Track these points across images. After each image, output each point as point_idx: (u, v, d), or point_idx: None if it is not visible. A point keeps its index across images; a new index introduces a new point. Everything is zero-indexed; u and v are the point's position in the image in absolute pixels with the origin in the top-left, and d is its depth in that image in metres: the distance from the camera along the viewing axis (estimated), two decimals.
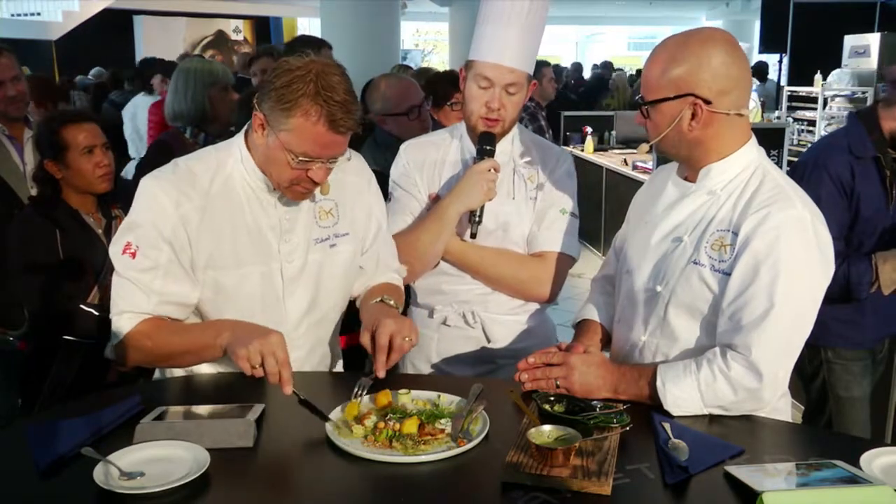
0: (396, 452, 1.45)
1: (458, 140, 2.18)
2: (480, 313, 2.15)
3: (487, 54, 2.01)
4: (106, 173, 2.55)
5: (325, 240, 1.86)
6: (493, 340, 2.16)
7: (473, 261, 2.11)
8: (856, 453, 1.41)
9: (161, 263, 1.72)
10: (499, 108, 2.01)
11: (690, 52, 1.60)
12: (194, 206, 1.72)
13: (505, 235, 2.12)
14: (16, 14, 12.94)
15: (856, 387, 2.68)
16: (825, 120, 8.55)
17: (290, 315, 1.83)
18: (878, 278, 2.45)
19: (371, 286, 1.99)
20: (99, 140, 2.55)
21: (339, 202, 1.89)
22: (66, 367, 2.46)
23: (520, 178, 2.14)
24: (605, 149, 8.21)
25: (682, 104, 1.61)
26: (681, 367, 1.62)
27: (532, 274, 2.12)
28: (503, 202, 2.09)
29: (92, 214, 2.58)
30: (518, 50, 2.00)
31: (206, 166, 1.78)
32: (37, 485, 1.37)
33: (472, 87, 2.04)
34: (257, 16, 18.16)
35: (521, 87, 2.03)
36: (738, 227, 1.62)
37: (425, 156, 2.18)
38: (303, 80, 1.59)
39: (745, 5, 18.57)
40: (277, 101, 1.61)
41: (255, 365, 1.57)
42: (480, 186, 2.01)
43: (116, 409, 1.60)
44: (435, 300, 2.18)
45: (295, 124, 1.61)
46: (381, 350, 1.68)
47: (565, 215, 2.13)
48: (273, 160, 1.68)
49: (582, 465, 1.37)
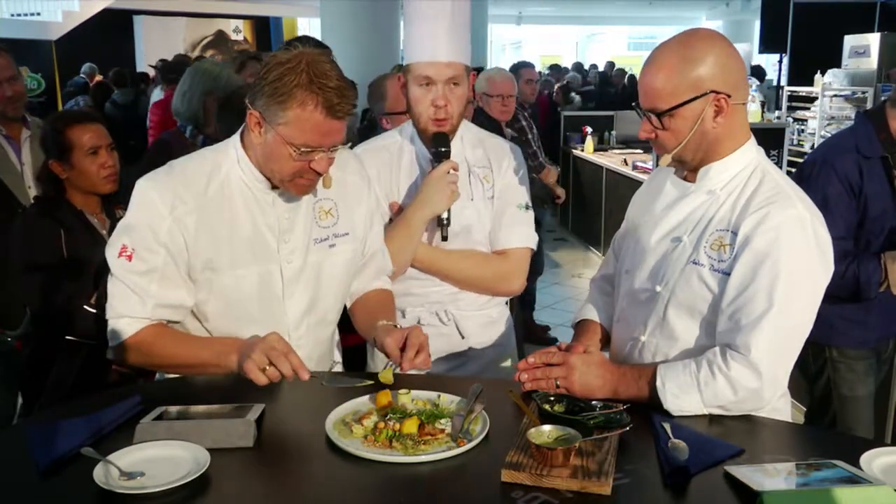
0: (396, 452, 1.45)
1: (409, 142, 2.18)
2: (452, 311, 2.19)
3: (422, 54, 2.02)
4: (110, 174, 2.55)
5: (325, 240, 1.86)
6: (466, 335, 2.20)
7: (441, 265, 2.14)
8: (856, 453, 1.41)
9: (157, 267, 1.72)
10: (445, 104, 2.02)
11: (701, 50, 1.59)
12: (189, 209, 1.71)
13: (468, 237, 2.15)
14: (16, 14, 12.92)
15: (860, 386, 2.68)
16: (825, 120, 8.54)
17: (289, 316, 1.83)
18: (887, 277, 2.46)
19: (366, 292, 2.01)
20: (104, 141, 2.55)
21: (339, 202, 1.89)
22: (67, 367, 2.46)
23: (475, 178, 2.16)
24: (605, 149, 8.21)
25: (704, 103, 1.60)
26: (680, 367, 1.62)
27: (497, 272, 2.17)
28: (463, 205, 2.12)
29: (96, 215, 2.58)
30: (450, 43, 2.01)
31: (201, 168, 1.77)
32: (37, 485, 1.37)
33: (415, 90, 2.06)
34: (257, 16, 18.16)
35: (462, 80, 2.05)
36: (737, 227, 1.62)
37: (380, 164, 2.17)
38: (294, 70, 1.59)
39: (745, 5, 18.56)
40: (272, 96, 1.60)
41: (264, 367, 1.58)
42: (443, 190, 2.03)
43: (116, 409, 1.59)
44: (406, 302, 2.19)
45: (292, 116, 1.60)
46: (413, 346, 1.70)
47: (521, 210, 2.18)
48: (274, 156, 1.67)
49: (582, 465, 1.36)
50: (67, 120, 2.56)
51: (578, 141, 8.39)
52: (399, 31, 10.96)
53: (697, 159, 1.69)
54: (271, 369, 1.58)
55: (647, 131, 1.67)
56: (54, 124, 2.56)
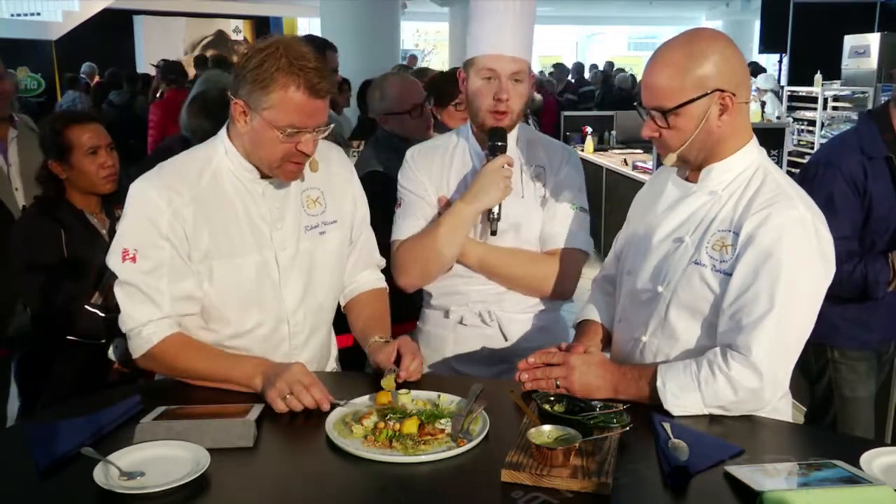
0: (396, 452, 1.45)
1: (464, 141, 2.17)
2: (496, 312, 2.14)
3: (487, 47, 2.01)
4: (110, 174, 2.55)
5: (315, 227, 1.90)
6: (510, 338, 2.15)
7: (488, 262, 2.10)
8: (856, 453, 1.41)
9: (164, 261, 1.73)
10: (507, 98, 2.01)
11: (706, 49, 1.59)
12: (185, 201, 1.74)
13: (517, 235, 2.11)
14: (16, 14, 12.92)
15: (861, 387, 2.68)
16: (825, 120, 8.54)
17: (287, 303, 1.86)
18: (895, 276, 2.46)
19: (360, 294, 2.04)
20: (103, 141, 2.55)
21: (326, 191, 1.93)
22: (68, 368, 2.45)
23: (528, 176, 2.14)
24: (605, 149, 8.21)
25: (709, 102, 1.60)
26: (681, 368, 1.62)
27: (546, 272, 2.11)
28: (513, 202, 2.09)
29: (96, 215, 2.58)
30: (516, 39, 2.00)
31: (192, 163, 1.80)
32: (37, 485, 1.37)
33: (476, 83, 2.04)
34: (257, 16, 18.16)
35: (525, 76, 2.03)
36: (739, 228, 1.62)
37: (432, 160, 2.18)
38: (273, 56, 1.64)
39: (745, 5, 18.55)
40: (254, 83, 1.65)
41: (285, 396, 1.62)
42: (497, 184, 2.01)
43: (116, 409, 1.60)
44: (450, 301, 2.17)
45: (276, 99, 1.64)
46: (411, 354, 1.79)
47: (575, 210, 2.14)
48: (261, 142, 1.71)
49: (582, 465, 1.36)
50: (66, 120, 2.56)
51: (578, 141, 8.39)
52: (399, 32, 10.97)
53: (701, 158, 1.68)
54: (291, 398, 1.62)
55: (651, 130, 1.67)
56: (53, 124, 2.55)
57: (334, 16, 9.65)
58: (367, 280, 2.07)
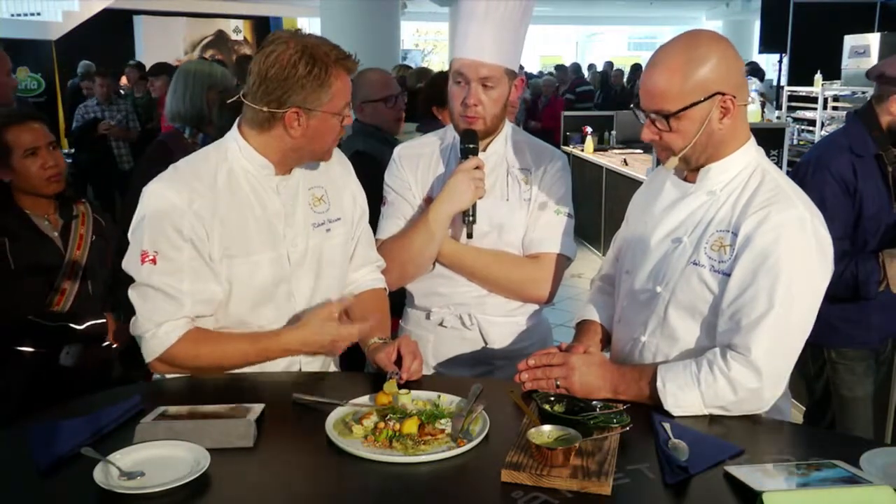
0: (396, 452, 1.45)
1: (451, 141, 2.17)
2: (477, 315, 2.14)
3: (462, 51, 2.02)
4: (53, 174, 2.43)
5: (321, 224, 1.92)
6: (490, 342, 2.15)
7: (468, 263, 2.10)
8: (856, 453, 1.41)
9: (185, 263, 1.73)
10: (475, 103, 2.00)
11: (706, 52, 1.59)
12: (205, 201, 1.75)
13: (500, 237, 2.11)
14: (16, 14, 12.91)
15: (859, 387, 2.68)
16: (825, 120, 8.54)
17: (297, 298, 1.87)
18: (886, 276, 2.45)
19: (360, 293, 2.04)
20: (43, 140, 2.43)
21: (329, 189, 1.96)
22: (14, 379, 2.35)
23: (513, 179, 2.13)
24: (605, 149, 8.21)
25: (711, 105, 1.60)
26: (681, 368, 1.62)
27: (527, 275, 2.11)
28: (497, 204, 2.09)
29: (48, 216, 2.48)
30: (494, 44, 1.98)
31: (206, 162, 1.81)
32: (37, 485, 1.37)
33: (451, 86, 2.06)
34: (257, 16, 18.15)
35: (499, 82, 2.01)
36: (737, 228, 1.62)
37: (418, 159, 2.18)
38: (315, 56, 1.72)
39: (745, 5, 18.56)
40: (313, 85, 1.72)
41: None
42: (467, 186, 2.01)
43: (116, 409, 1.60)
44: (431, 302, 2.18)
45: (335, 90, 1.76)
46: (411, 354, 1.80)
47: (560, 216, 2.13)
48: (322, 133, 1.79)
49: (582, 465, 1.37)
50: (5, 121, 2.43)
51: (578, 141, 8.39)
52: (399, 31, 10.97)
53: (702, 160, 1.68)
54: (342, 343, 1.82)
55: (651, 133, 1.66)
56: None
57: (334, 16, 9.66)
58: (366, 279, 2.07)
